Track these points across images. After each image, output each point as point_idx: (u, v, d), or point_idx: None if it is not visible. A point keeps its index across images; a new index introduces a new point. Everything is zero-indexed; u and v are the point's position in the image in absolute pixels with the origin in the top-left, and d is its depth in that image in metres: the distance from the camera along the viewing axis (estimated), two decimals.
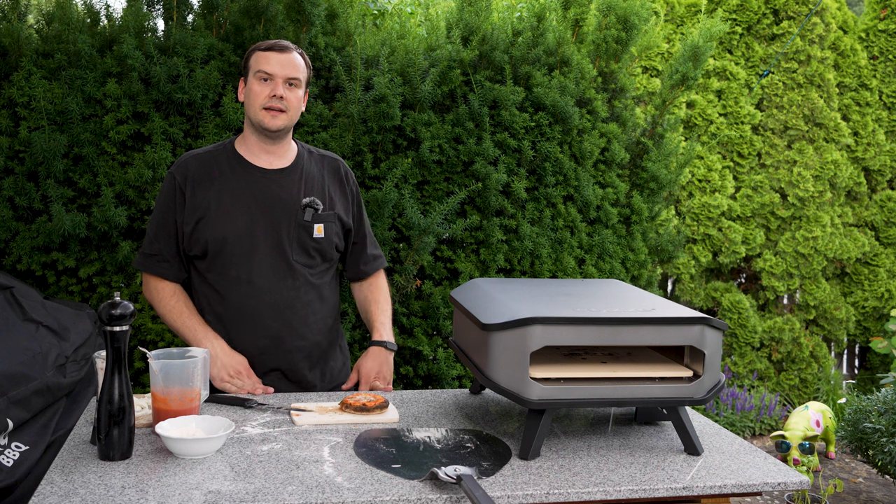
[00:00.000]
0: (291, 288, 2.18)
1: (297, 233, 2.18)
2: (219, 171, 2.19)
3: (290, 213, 2.18)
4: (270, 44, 2.17)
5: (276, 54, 2.14)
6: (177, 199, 2.17)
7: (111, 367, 1.60)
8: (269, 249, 2.16)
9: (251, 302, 2.17)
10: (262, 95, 2.13)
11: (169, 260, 2.20)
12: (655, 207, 3.75)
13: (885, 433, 3.57)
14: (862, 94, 5.48)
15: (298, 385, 2.26)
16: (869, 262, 5.57)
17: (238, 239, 2.14)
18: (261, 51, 2.16)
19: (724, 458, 1.75)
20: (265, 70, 2.12)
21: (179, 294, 2.22)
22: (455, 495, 1.49)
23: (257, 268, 2.16)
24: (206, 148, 2.26)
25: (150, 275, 2.22)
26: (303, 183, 2.22)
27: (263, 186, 2.18)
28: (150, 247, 2.21)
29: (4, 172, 2.89)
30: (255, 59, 2.16)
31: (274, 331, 2.19)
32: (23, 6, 3.01)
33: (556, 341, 1.65)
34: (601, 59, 3.59)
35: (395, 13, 4.22)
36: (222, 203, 2.15)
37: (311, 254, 2.21)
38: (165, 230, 2.19)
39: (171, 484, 1.50)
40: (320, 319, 2.26)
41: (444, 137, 3.28)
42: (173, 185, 2.18)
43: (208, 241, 2.14)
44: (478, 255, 3.39)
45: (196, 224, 2.15)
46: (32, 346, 2.41)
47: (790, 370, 5.29)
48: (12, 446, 2.24)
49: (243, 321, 2.18)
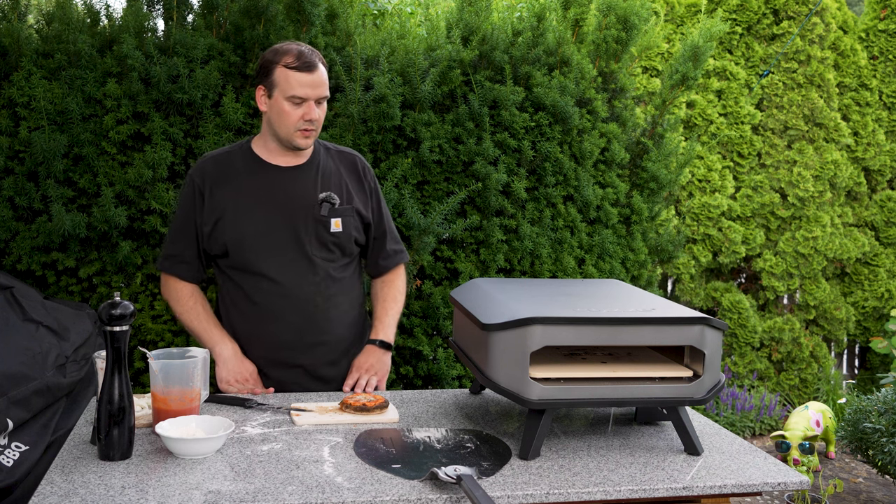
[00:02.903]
0: (312, 283, 2.20)
1: (315, 228, 2.19)
2: (235, 171, 2.21)
3: (307, 209, 2.19)
4: (299, 62, 2.11)
5: (307, 76, 2.10)
6: (196, 201, 2.20)
7: (111, 367, 1.60)
8: (288, 245, 2.18)
9: (273, 298, 2.19)
10: (294, 118, 2.12)
11: (188, 261, 2.24)
12: (655, 207, 3.75)
13: (885, 433, 3.57)
14: (862, 94, 5.48)
15: (322, 381, 2.27)
16: (869, 262, 5.57)
17: (257, 236, 2.17)
18: (290, 69, 2.10)
19: (724, 458, 1.75)
20: (298, 95, 2.10)
21: (197, 295, 2.27)
22: (455, 495, 1.49)
23: (277, 264, 2.18)
24: (223, 149, 2.29)
25: (169, 275, 2.27)
26: (319, 178, 2.23)
27: (280, 183, 2.20)
28: (170, 248, 2.26)
29: (4, 172, 2.89)
30: (283, 77, 2.11)
31: (296, 326, 2.20)
32: (23, 6, 3.01)
33: (556, 341, 1.65)
34: (601, 59, 3.59)
35: (395, 13, 4.22)
36: (240, 202, 2.18)
37: (330, 248, 2.22)
38: (185, 232, 2.22)
39: (171, 484, 1.50)
40: (343, 314, 2.28)
41: (444, 137, 3.28)
42: (193, 188, 2.21)
43: (227, 239, 2.18)
44: (478, 255, 3.39)
45: (215, 224, 2.18)
46: (32, 346, 2.41)
47: (790, 370, 5.29)
48: (12, 446, 2.24)
49: (266, 317, 2.20)
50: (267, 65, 2.14)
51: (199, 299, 2.26)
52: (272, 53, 2.15)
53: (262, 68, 2.16)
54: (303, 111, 2.12)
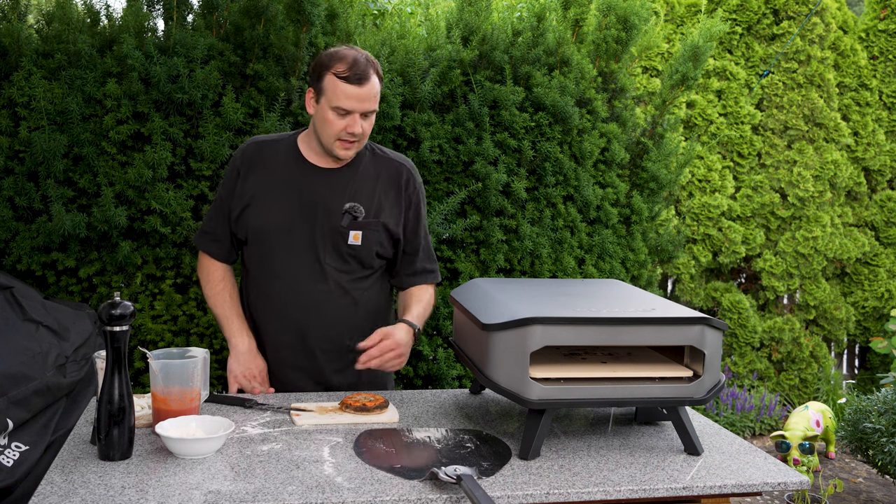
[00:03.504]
0: (321, 291, 2.16)
1: (332, 236, 2.14)
2: (274, 161, 2.19)
3: (328, 216, 2.14)
4: (350, 72, 2.02)
5: (355, 89, 2.02)
6: (233, 181, 2.20)
7: (111, 367, 1.60)
8: (303, 248, 2.15)
9: (279, 297, 2.18)
10: (337, 128, 2.06)
11: (220, 240, 2.25)
12: (655, 207, 3.75)
13: (885, 433, 3.57)
14: (862, 94, 5.48)
15: (323, 388, 2.23)
16: (869, 262, 5.57)
17: (277, 232, 2.15)
18: (339, 79, 2.03)
19: (724, 458, 1.75)
20: (343, 107, 2.04)
21: (227, 280, 2.27)
22: (455, 495, 1.49)
23: (290, 264, 2.16)
24: (273, 135, 2.28)
25: (203, 252, 2.28)
26: (351, 185, 2.16)
27: (310, 183, 2.15)
28: (206, 224, 2.27)
29: (4, 172, 2.89)
30: (331, 85, 2.04)
31: (298, 329, 2.18)
32: (23, 6, 3.01)
33: (556, 341, 1.65)
34: (601, 59, 3.59)
35: (395, 13, 4.22)
36: (269, 193, 2.16)
37: (346, 259, 2.15)
38: (221, 210, 2.23)
39: (171, 484, 1.50)
40: (353, 327, 2.19)
41: (444, 137, 3.28)
42: (234, 168, 2.21)
43: (249, 229, 2.17)
44: (478, 255, 3.39)
45: (242, 210, 2.18)
46: (32, 346, 2.41)
47: (790, 370, 5.29)
48: (12, 446, 2.24)
49: (271, 313, 2.20)
50: (319, 69, 2.07)
51: (228, 285, 2.26)
52: (327, 58, 2.06)
53: (314, 71, 2.09)
54: (346, 123, 2.05)
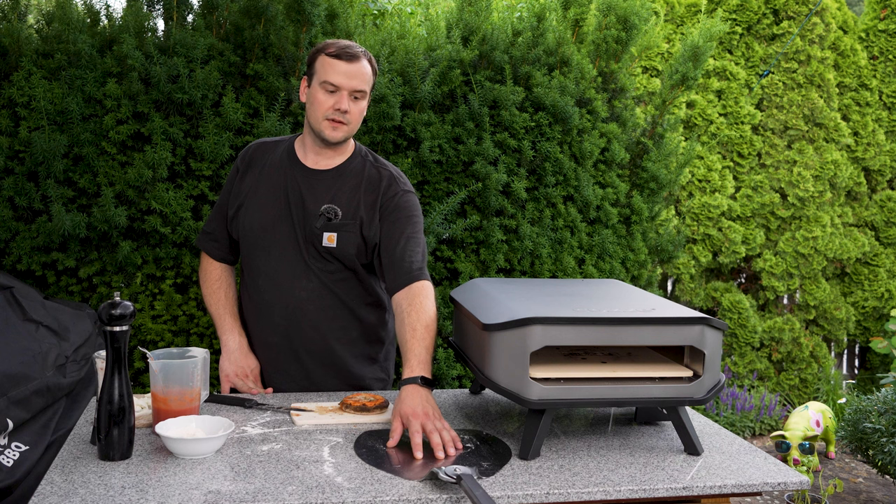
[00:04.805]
0: (305, 288, 2.16)
1: (311, 237, 2.15)
2: (270, 162, 2.21)
3: (308, 216, 2.15)
4: (339, 50, 2.06)
5: (344, 64, 2.04)
6: (232, 181, 2.25)
7: (111, 367, 1.60)
8: (288, 246, 2.17)
9: (266, 295, 2.18)
10: (325, 106, 2.07)
11: (218, 240, 2.28)
12: (655, 207, 3.75)
13: (885, 433, 3.57)
14: (862, 94, 5.48)
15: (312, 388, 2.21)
16: (869, 262, 5.57)
17: (265, 231, 2.17)
18: (329, 56, 2.06)
19: (724, 458, 1.75)
20: (331, 82, 2.05)
21: (224, 280, 2.29)
22: (455, 495, 1.49)
23: (276, 262, 2.17)
24: (276, 138, 2.31)
25: (203, 253, 2.32)
26: (333, 188, 2.16)
27: (297, 184, 2.17)
28: (207, 224, 2.31)
29: (4, 172, 2.89)
30: (321, 64, 2.07)
31: (283, 328, 2.18)
32: (23, 6, 3.01)
33: (556, 341, 1.65)
34: (601, 59, 3.59)
35: (395, 13, 4.22)
36: (259, 194, 2.19)
37: (326, 258, 2.16)
38: (221, 210, 2.27)
39: (171, 484, 1.50)
40: (338, 328, 2.19)
41: (444, 137, 3.28)
42: (235, 168, 2.26)
43: (241, 228, 2.20)
44: (478, 255, 3.39)
45: (237, 210, 2.20)
46: (32, 346, 2.41)
47: (790, 370, 5.29)
48: (12, 446, 2.24)
49: (259, 313, 2.21)
50: (312, 56, 2.11)
51: (224, 284, 2.28)
52: (320, 44, 2.11)
53: (308, 60, 2.12)
54: (335, 99, 2.05)
